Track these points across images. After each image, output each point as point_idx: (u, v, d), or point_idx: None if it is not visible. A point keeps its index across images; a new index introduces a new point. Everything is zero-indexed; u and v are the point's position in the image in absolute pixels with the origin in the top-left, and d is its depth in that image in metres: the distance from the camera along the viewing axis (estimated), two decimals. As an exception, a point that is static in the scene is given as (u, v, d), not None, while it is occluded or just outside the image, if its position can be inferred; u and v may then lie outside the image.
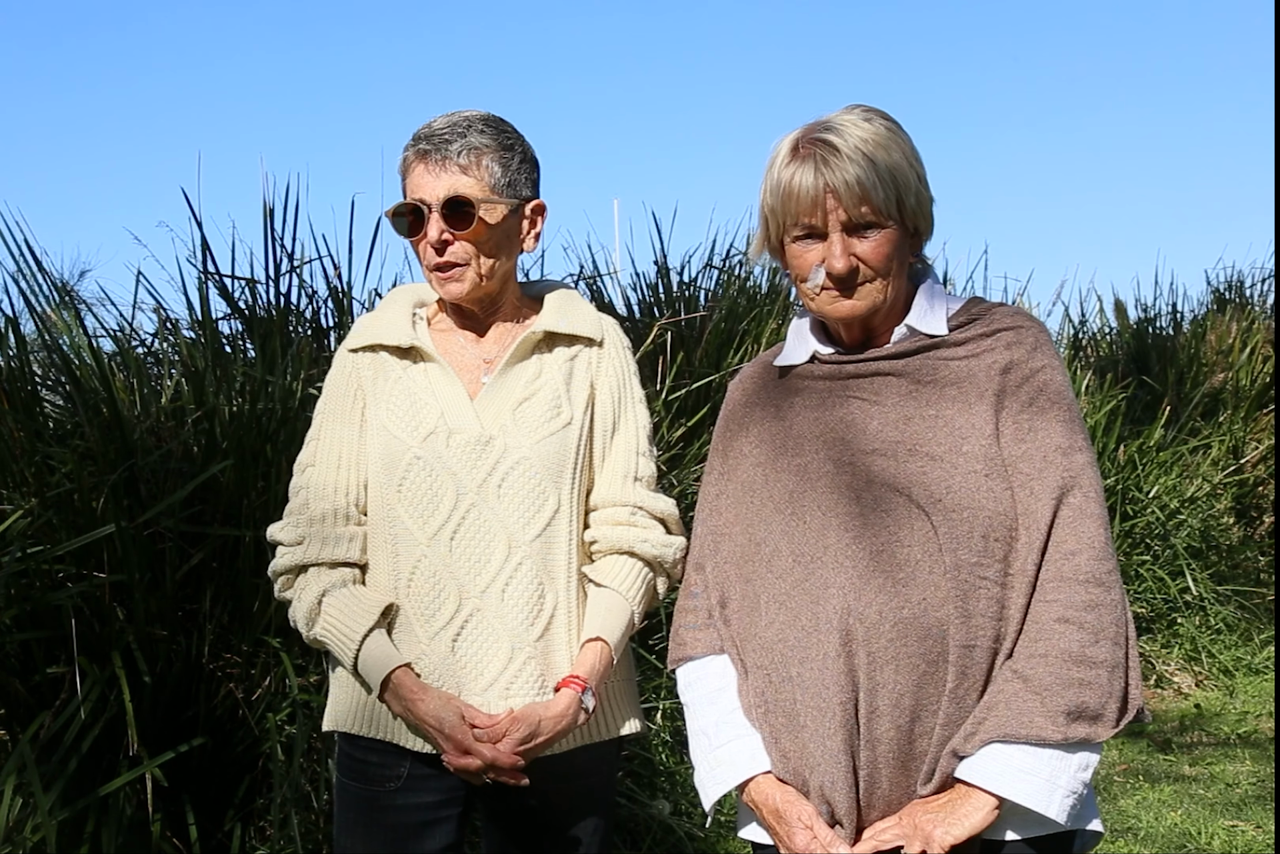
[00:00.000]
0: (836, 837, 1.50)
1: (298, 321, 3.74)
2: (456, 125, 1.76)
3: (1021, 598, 1.50)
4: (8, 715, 2.69)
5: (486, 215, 1.76)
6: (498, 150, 1.77)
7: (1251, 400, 7.08)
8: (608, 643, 1.76)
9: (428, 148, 1.75)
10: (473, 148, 1.75)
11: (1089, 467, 1.54)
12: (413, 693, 1.70)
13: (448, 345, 1.86)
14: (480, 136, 1.76)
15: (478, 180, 1.76)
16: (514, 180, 1.79)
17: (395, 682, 1.71)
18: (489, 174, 1.76)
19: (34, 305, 3.17)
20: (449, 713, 1.68)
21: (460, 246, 1.76)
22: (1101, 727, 1.45)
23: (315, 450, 1.84)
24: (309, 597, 1.75)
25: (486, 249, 1.78)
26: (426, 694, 1.69)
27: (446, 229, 1.75)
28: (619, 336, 1.91)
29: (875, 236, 1.57)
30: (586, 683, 1.73)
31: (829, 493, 1.58)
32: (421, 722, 1.69)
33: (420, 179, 1.76)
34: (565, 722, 1.70)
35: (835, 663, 1.50)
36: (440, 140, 1.75)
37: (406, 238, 1.80)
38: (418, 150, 1.77)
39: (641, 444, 1.87)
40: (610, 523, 1.82)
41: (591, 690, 1.73)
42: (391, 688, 1.71)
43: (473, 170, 1.75)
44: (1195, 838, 3.68)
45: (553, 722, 1.69)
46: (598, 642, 1.76)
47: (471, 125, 1.76)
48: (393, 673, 1.71)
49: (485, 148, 1.76)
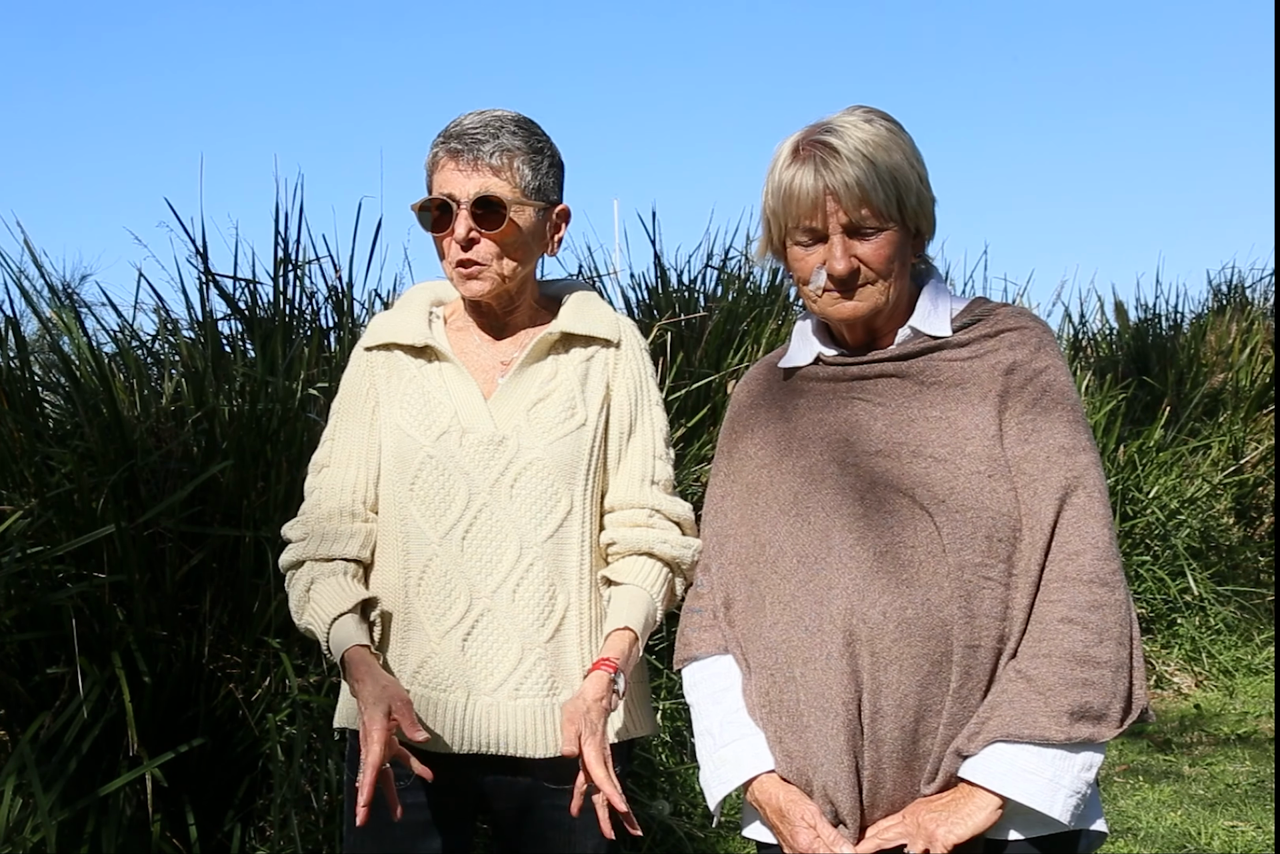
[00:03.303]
0: (840, 836, 1.50)
1: (298, 322, 3.74)
2: (489, 125, 1.74)
3: (1025, 598, 1.50)
4: (8, 715, 2.69)
5: (516, 216, 1.74)
6: (529, 153, 1.75)
7: (1251, 401, 7.08)
8: (634, 631, 1.73)
9: (459, 147, 1.73)
10: (505, 149, 1.73)
11: (1093, 467, 1.54)
12: (357, 672, 1.65)
13: (464, 345, 1.85)
14: (512, 138, 1.74)
15: (509, 182, 1.73)
16: (543, 184, 1.77)
17: (347, 660, 1.67)
18: (520, 177, 1.74)
19: (35, 306, 3.18)
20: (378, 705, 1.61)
21: (486, 246, 1.74)
22: (1105, 727, 1.45)
23: (330, 450, 1.83)
24: (300, 587, 1.76)
25: (512, 250, 1.76)
26: (369, 678, 1.64)
27: (475, 227, 1.73)
28: (637, 338, 1.89)
29: (876, 238, 1.56)
30: (619, 665, 1.69)
31: (833, 494, 1.58)
32: (361, 702, 1.63)
33: (450, 176, 1.74)
34: (606, 702, 1.66)
35: (839, 663, 1.50)
36: (472, 140, 1.72)
37: (432, 232, 1.77)
38: (449, 149, 1.74)
39: (658, 447, 1.85)
40: (628, 524, 1.80)
41: (624, 675, 1.70)
42: (345, 666, 1.68)
43: (504, 172, 1.73)
44: (1195, 838, 3.68)
45: (598, 705, 1.65)
46: (626, 631, 1.73)
47: (504, 126, 1.74)
48: (347, 652, 1.67)
49: (517, 150, 1.74)
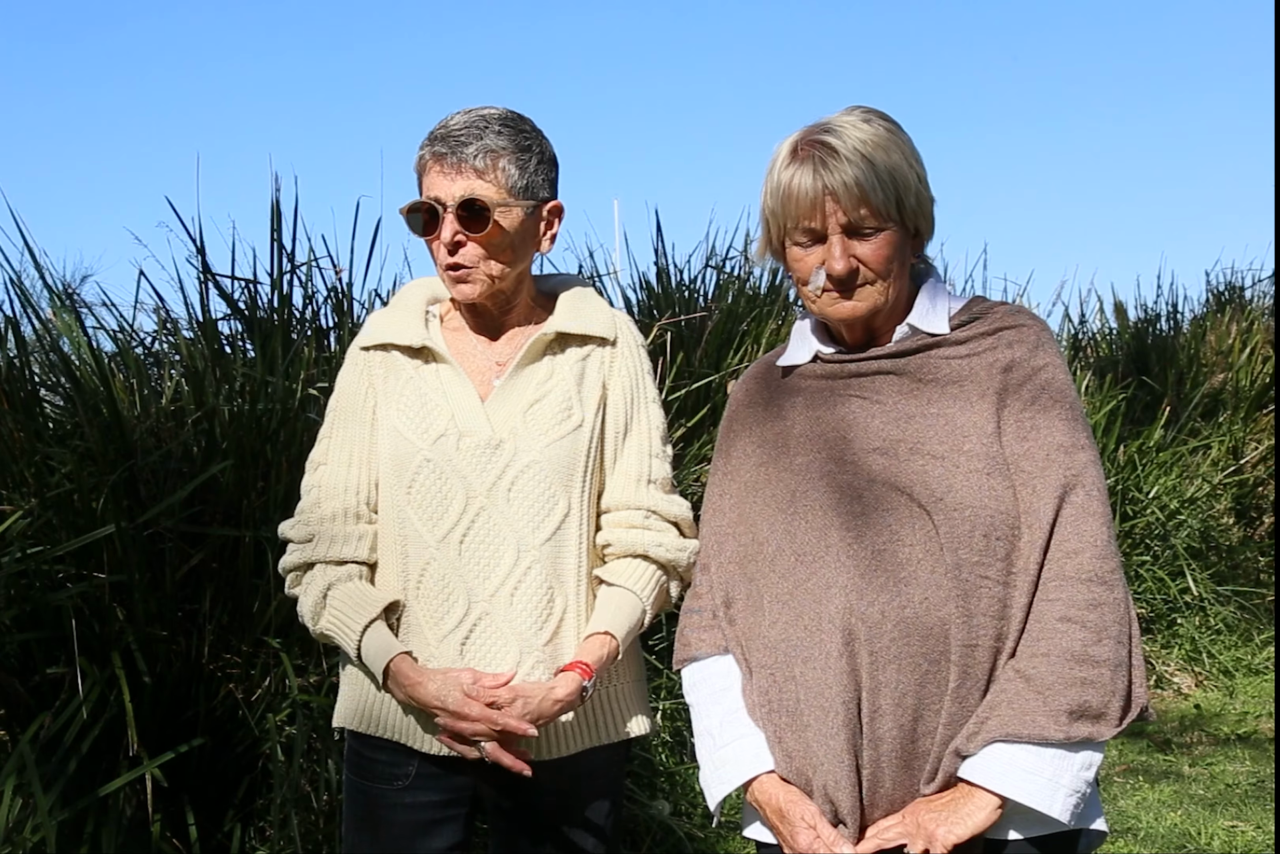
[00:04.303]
0: (840, 836, 1.50)
1: (298, 322, 3.74)
2: (473, 125, 1.72)
3: (1024, 597, 1.50)
4: (8, 715, 2.69)
5: (502, 218, 1.73)
6: (515, 152, 1.73)
7: (1251, 401, 7.08)
8: (614, 637, 1.75)
9: (443, 150, 1.72)
10: (489, 150, 1.72)
11: (1091, 465, 1.54)
12: (411, 678, 1.69)
13: (460, 346, 1.84)
14: (498, 138, 1.72)
15: (494, 183, 1.72)
16: (531, 182, 1.76)
17: (394, 669, 1.71)
18: (505, 177, 1.73)
19: (35, 306, 3.18)
20: (450, 691, 1.66)
21: (473, 249, 1.74)
22: (1104, 726, 1.45)
23: (327, 448, 1.83)
24: (315, 592, 1.75)
25: (498, 252, 1.75)
26: (425, 677, 1.69)
27: (460, 230, 1.72)
28: (633, 335, 1.88)
29: (875, 238, 1.56)
30: (594, 670, 1.71)
31: (830, 492, 1.58)
32: (426, 706, 1.68)
33: (436, 179, 1.73)
34: (565, 706, 1.69)
35: (838, 662, 1.50)
36: (456, 142, 1.71)
37: (421, 236, 1.78)
38: (434, 151, 1.73)
39: (655, 445, 1.85)
40: (624, 526, 1.80)
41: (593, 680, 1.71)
42: (392, 676, 1.71)
43: (489, 174, 1.72)
44: (1195, 838, 3.68)
45: (554, 705, 1.67)
46: (605, 635, 1.75)
47: (489, 125, 1.73)
48: (392, 661, 1.71)
49: (502, 150, 1.72)
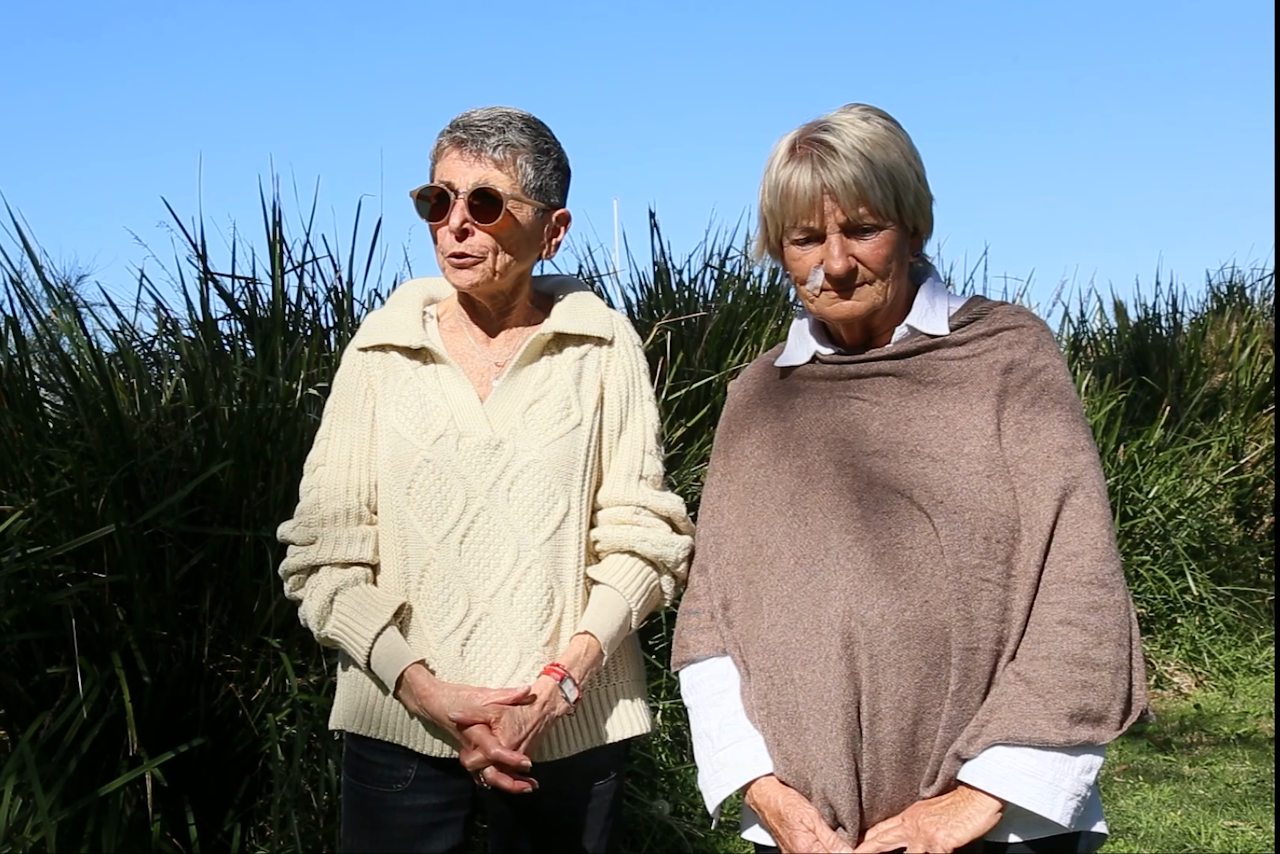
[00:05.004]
0: (839, 839, 1.50)
1: (298, 322, 3.74)
2: (496, 120, 1.74)
3: (1024, 600, 1.50)
4: (8, 715, 2.69)
5: (514, 212, 1.74)
6: (533, 152, 1.75)
7: (1251, 401, 7.08)
8: (596, 637, 1.74)
9: (464, 137, 1.73)
10: (509, 145, 1.73)
11: (1092, 467, 1.53)
12: (425, 690, 1.69)
13: (458, 346, 1.84)
14: (519, 135, 1.74)
15: (510, 177, 1.74)
16: (545, 185, 1.77)
17: (408, 679, 1.70)
18: (521, 173, 1.74)
19: (35, 305, 3.17)
20: (455, 713, 1.67)
21: (480, 238, 1.74)
22: (1105, 729, 1.45)
23: (326, 449, 1.83)
24: (321, 595, 1.75)
25: (506, 245, 1.75)
26: (438, 690, 1.69)
27: (470, 218, 1.73)
28: (629, 334, 1.89)
29: (874, 237, 1.56)
30: (566, 671, 1.71)
31: (830, 494, 1.58)
32: (436, 718, 1.69)
33: (452, 164, 1.74)
34: (547, 709, 1.69)
35: (837, 665, 1.50)
36: (478, 132, 1.73)
37: (427, 221, 1.77)
38: (453, 138, 1.74)
39: (648, 442, 1.85)
40: (613, 522, 1.81)
41: (574, 681, 1.71)
42: (405, 685, 1.71)
43: (506, 167, 1.74)
44: (1195, 838, 3.68)
45: (537, 713, 1.67)
46: (585, 635, 1.75)
47: (511, 122, 1.74)
48: (405, 670, 1.70)
49: (522, 147, 1.74)
